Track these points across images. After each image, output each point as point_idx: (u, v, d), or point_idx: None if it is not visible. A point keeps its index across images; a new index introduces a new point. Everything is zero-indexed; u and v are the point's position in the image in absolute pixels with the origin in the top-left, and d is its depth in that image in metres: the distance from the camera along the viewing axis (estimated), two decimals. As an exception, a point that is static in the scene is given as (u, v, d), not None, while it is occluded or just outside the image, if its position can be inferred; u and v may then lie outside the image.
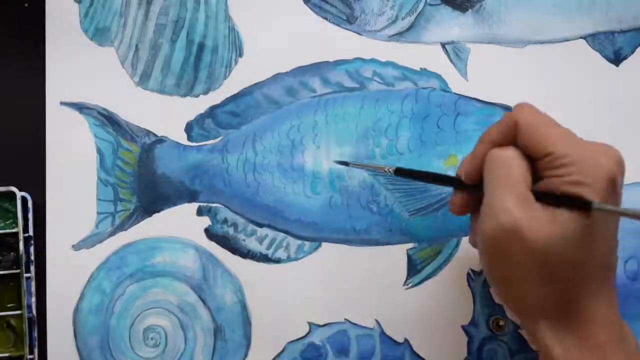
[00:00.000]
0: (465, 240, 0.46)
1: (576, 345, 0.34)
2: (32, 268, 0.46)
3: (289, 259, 0.46)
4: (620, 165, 0.35)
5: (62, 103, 0.47)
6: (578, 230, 0.33)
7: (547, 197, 0.34)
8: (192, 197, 0.47)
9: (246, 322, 0.46)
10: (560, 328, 0.35)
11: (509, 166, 0.35)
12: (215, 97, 0.47)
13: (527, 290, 0.35)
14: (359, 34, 0.48)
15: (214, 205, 0.47)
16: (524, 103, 0.37)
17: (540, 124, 0.36)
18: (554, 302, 0.35)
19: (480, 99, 0.47)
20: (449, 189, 0.45)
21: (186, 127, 0.47)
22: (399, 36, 0.47)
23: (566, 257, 0.34)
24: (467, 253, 0.46)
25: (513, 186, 0.35)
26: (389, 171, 0.42)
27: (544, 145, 0.35)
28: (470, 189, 0.38)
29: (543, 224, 0.33)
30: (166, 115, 0.47)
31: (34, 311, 0.45)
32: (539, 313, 0.35)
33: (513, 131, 0.36)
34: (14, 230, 0.46)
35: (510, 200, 0.34)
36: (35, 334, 0.45)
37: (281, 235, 0.46)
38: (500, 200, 0.35)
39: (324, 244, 0.46)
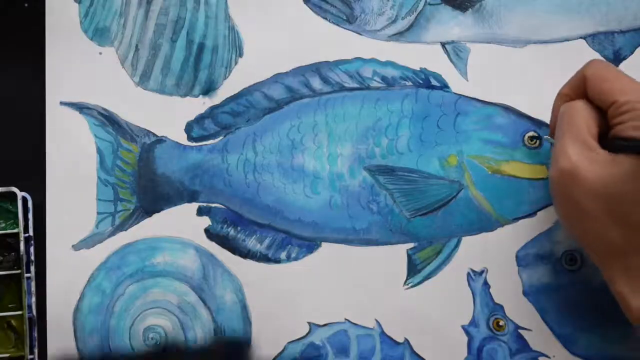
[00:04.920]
0: (465, 240, 0.46)
1: None
2: (32, 268, 0.46)
3: (289, 259, 0.46)
4: None
5: (62, 103, 0.47)
6: (638, 168, 0.34)
7: (608, 143, 0.36)
8: (192, 197, 0.47)
9: (246, 322, 0.46)
10: (635, 273, 0.35)
11: (571, 114, 0.38)
12: (215, 97, 0.47)
13: (596, 231, 0.36)
14: (359, 33, 0.48)
15: (214, 205, 0.47)
16: (594, 59, 0.40)
17: (606, 76, 0.37)
18: (623, 242, 0.35)
19: (480, 99, 0.47)
20: (448, 190, 0.46)
21: (186, 127, 0.47)
22: (399, 36, 0.47)
23: (629, 195, 0.34)
24: (467, 253, 0.46)
25: (574, 132, 0.37)
26: None
27: (608, 95, 0.37)
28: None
29: (602, 167, 0.35)
30: (166, 115, 0.47)
31: (34, 311, 0.45)
32: (611, 256, 0.36)
33: (583, 84, 0.39)
34: (14, 231, 0.46)
35: (570, 144, 0.36)
36: (36, 334, 0.45)
37: (281, 235, 0.46)
38: (562, 145, 0.37)
39: (324, 244, 0.46)
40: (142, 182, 0.47)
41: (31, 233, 0.46)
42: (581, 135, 0.36)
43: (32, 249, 0.46)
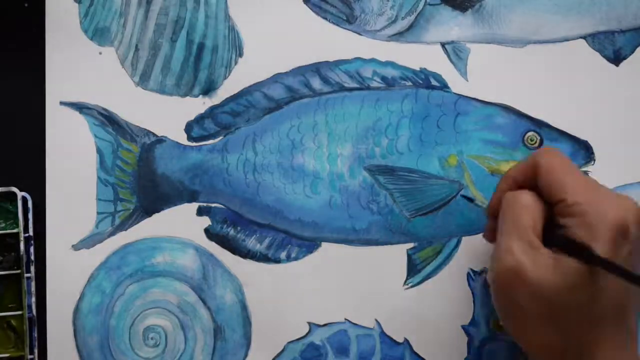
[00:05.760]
0: (465, 240, 0.46)
1: None
2: (32, 268, 0.46)
3: (289, 259, 0.46)
4: (636, 215, 0.34)
5: (62, 103, 0.47)
6: (582, 276, 0.33)
7: (554, 243, 0.35)
8: (192, 197, 0.47)
9: (246, 322, 0.46)
10: None
11: (519, 211, 0.36)
12: (215, 97, 0.47)
13: (534, 332, 0.35)
14: (358, 33, 0.48)
15: (214, 205, 0.47)
16: (550, 148, 0.39)
17: (559, 170, 0.36)
18: (562, 346, 0.35)
19: (480, 99, 0.47)
20: (448, 190, 0.46)
21: (186, 127, 0.47)
22: (398, 36, 0.47)
23: (572, 303, 0.34)
24: (467, 253, 0.46)
25: (520, 231, 0.35)
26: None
27: (558, 191, 0.35)
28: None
29: (546, 270, 0.34)
30: (166, 115, 0.47)
31: (34, 311, 0.45)
32: (547, 356, 0.35)
33: (534, 172, 0.37)
34: (14, 231, 0.46)
35: (516, 243, 0.35)
36: (36, 334, 0.45)
37: (281, 235, 0.46)
38: (507, 242, 0.36)
39: (324, 244, 0.46)
40: (142, 182, 0.47)
41: (31, 233, 0.46)
42: (525, 234, 0.35)
43: (32, 249, 0.46)
